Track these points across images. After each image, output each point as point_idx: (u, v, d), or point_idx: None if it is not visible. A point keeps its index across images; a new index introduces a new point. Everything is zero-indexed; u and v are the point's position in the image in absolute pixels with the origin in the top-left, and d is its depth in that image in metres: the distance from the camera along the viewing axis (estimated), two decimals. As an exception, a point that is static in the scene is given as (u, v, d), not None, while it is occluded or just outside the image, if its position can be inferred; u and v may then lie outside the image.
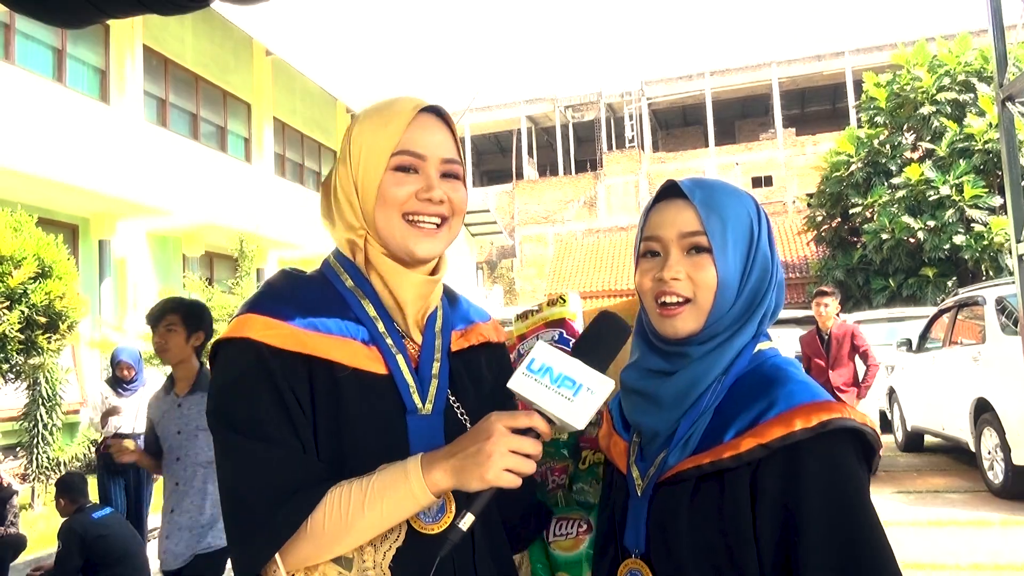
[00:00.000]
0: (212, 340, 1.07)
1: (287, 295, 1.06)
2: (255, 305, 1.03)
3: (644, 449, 1.08)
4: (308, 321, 1.02)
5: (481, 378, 1.16)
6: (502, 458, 0.88)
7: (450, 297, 1.22)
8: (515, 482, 0.89)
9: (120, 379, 5.54)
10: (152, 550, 5.26)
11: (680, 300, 1.02)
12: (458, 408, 1.09)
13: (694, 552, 0.96)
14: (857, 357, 6.48)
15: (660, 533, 1.01)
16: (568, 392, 0.89)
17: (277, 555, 0.94)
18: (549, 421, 0.90)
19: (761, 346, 1.06)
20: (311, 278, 1.12)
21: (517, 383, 0.92)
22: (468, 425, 1.07)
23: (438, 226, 1.08)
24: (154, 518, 5.40)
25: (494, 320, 1.27)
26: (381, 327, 1.06)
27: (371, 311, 1.07)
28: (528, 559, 1.28)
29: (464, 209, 1.12)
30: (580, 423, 0.89)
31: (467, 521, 0.88)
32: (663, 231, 1.05)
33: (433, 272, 1.12)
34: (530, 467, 0.89)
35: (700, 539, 0.96)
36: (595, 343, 0.96)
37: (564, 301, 1.49)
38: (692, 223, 1.03)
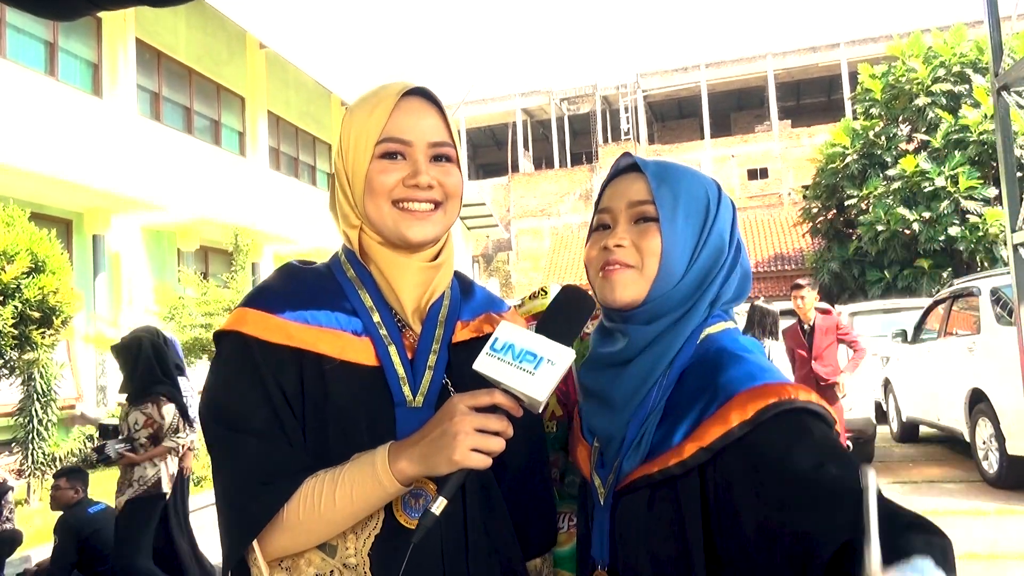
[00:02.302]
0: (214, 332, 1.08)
1: (282, 288, 1.06)
2: (250, 299, 1.04)
3: (604, 454, 1.04)
4: (299, 314, 1.01)
5: None
6: (467, 438, 0.86)
7: (464, 286, 1.18)
8: (485, 462, 0.87)
9: None
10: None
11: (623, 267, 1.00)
12: None
13: (654, 564, 0.93)
14: (845, 347, 6.44)
15: (622, 545, 0.97)
16: (529, 366, 0.89)
17: (256, 544, 0.94)
18: (516, 398, 0.90)
19: (711, 329, 1.01)
20: (313, 270, 1.12)
21: (481, 364, 0.91)
22: None
23: (432, 210, 1.06)
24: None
25: (514, 310, 1.23)
26: (376, 317, 1.05)
27: (367, 301, 1.06)
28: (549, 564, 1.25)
29: (459, 192, 1.10)
30: (542, 395, 0.88)
31: (439, 505, 0.86)
32: (613, 202, 1.04)
33: (435, 258, 1.10)
34: (498, 445, 0.88)
35: (659, 550, 0.92)
36: (558, 317, 0.95)
37: (545, 293, 1.45)
38: (641, 192, 1.02)
